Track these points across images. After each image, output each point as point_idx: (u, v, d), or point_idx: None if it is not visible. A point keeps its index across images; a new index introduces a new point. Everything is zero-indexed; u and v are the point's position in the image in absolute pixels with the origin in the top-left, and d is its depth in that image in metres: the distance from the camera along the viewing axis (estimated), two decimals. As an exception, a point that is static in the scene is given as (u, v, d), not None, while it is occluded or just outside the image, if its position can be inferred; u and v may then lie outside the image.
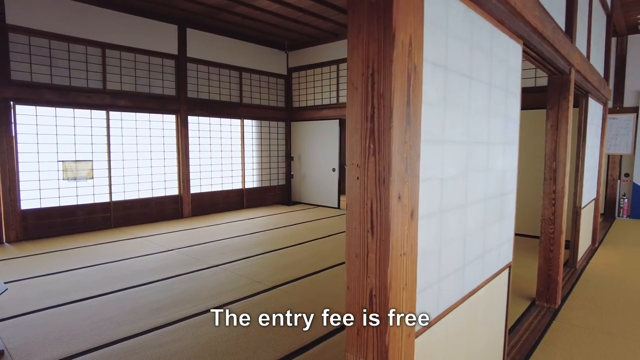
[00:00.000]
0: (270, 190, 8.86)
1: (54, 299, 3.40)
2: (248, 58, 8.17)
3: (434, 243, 1.43)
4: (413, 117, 1.18)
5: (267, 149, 8.75)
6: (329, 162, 8.39)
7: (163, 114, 6.94)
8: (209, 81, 7.58)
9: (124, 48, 6.32)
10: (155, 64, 6.77)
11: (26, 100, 5.41)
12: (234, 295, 3.53)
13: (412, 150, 1.19)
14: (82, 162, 5.97)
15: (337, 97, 8.18)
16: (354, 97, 1.17)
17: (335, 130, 8.23)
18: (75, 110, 5.88)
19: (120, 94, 6.30)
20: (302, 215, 7.54)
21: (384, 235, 1.12)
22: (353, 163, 1.18)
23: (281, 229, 6.35)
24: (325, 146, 8.44)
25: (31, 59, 5.46)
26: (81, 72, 5.91)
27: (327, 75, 8.35)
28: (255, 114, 8.37)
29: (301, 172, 8.98)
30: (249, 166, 8.42)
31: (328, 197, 8.49)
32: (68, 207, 5.87)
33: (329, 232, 6.11)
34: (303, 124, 8.86)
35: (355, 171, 1.18)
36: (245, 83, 8.22)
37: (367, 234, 1.16)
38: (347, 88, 1.19)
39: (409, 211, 1.20)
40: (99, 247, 5.16)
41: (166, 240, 5.51)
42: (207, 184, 7.68)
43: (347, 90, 1.19)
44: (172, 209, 7.15)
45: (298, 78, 8.89)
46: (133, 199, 6.60)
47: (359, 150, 1.16)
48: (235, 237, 5.71)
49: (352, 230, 1.20)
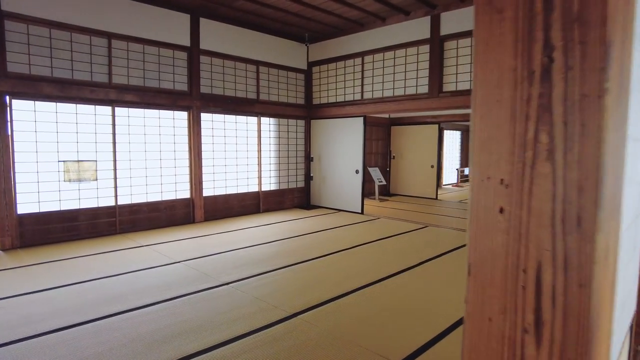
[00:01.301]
0: (288, 193, 8.26)
1: (31, 327, 2.86)
2: (266, 51, 7.59)
3: None
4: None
5: (285, 148, 8.15)
6: (352, 163, 7.74)
7: (174, 111, 6.41)
8: (223, 75, 7.03)
9: (131, 39, 5.81)
10: (166, 56, 6.25)
11: (24, 95, 4.94)
12: (246, 325, 2.93)
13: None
14: (85, 162, 5.48)
15: (361, 92, 7.53)
16: (492, 29, 0.53)
17: (359, 128, 7.57)
18: (78, 106, 5.39)
19: (127, 88, 5.79)
20: (322, 222, 6.91)
21: (571, 347, 0.48)
22: (489, 177, 0.54)
23: (300, 237, 5.73)
24: (348, 146, 7.79)
25: (30, 50, 4.98)
26: (85, 64, 5.41)
27: (350, 69, 7.70)
28: (273, 111, 7.79)
29: (321, 173, 8.36)
30: (266, 167, 7.84)
31: (350, 201, 7.84)
32: (69, 212, 5.38)
33: (352, 242, 5.46)
34: (324, 122, 8.24)
35: (491, 195, 0.54)
36: (263, 78, 7.64)
37: (522, 336, 0.52)
38: (476, 22, 0.56)
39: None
40: (99, 257, 4.64)
41: (174, 250, 4.96)
42: (221, 187, 7.13)
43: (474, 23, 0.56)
44: (183, 213, 6.62)
45: (319, 73, 8.27)
46: (141, 202, 6.09)
47: (505, 150, 0.52)
48: (250, 247, 5.12)
49: (480, 323, 0.57)
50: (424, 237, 5.83)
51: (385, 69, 7.15)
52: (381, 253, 4.94)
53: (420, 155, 10.16)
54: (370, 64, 7.38)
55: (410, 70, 6.78)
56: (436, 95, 6.41)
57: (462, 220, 7.11)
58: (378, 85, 7.26)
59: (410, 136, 10.37)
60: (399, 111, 7.24)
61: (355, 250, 5.06)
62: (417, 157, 10.23)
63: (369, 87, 7.41)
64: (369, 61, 7.41)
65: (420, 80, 6.66)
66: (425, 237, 5.87)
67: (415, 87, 6.73)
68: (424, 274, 4.15)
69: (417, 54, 6.69)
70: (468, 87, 6.07)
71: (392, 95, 7.07)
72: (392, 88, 7.06)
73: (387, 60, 7.11)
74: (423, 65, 6.60)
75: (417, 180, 10.23)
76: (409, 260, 4.61)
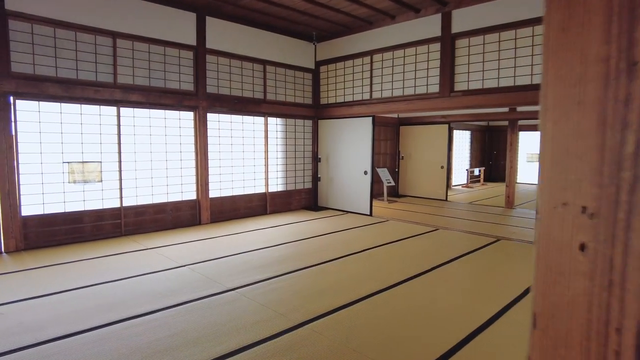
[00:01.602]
0: (296, 194, 8.14)
1: (30, 335, 2.76)
2: (273, 50, 7.47)
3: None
4: None
5: (292, 149, 8.03)
6: (360, 164, 7.60)
7: (180, 111, 6.32)
8: (230, 75, 6.93)
9: (137, 38, 5.72)
10: (172, 55, 6.16)
11: (28, 95, 4.87)
12: (251, 335, 2.81)
13: None
14: (90, 164, 5.40)
15: (370, 92, 7.38)
16: (572, 7, 0.40)
17: (368, 128, 7.43)
18: (83, 106, 5.31)
19: (132, 88, 5.71)
20: (330, 224, 6.78)
21: None
22: (565, 203, 0.41)
23: (307, 240, 5.60)
24: (356, 146, 7.65)
25: (34, 50, 4.92)
26: (89, 64, 5.34)
27: (359, 69, 7.55)
28: (280, 111, 7.67)
29: (329, 174, 8.23)
30: (273, 168, 7.73)
31: (358, 202, 7.70)
32: (74, 213, 5.31)
33: (362, 245, 5.32)
34: (331, 122, 8.10)
35: (568, 227, 0.41)
36: (270, 77, 7.53)
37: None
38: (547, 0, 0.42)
39: None
40: (103, 260, 4.56)
41: (179, 253, 4.86)
42: (227, 188, 7.03)
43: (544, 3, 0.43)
44: (189, 215, 6.53)
45: (327, 72, 8.14)
46: (146, 204, 6.01)
47: (590, 168, 0.39)
48: (256, 251, 5.01)
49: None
50: (435, 241, 5.67)
51: (394, 68, 7.00)
52: (392, 257, 4.80)
53: (430, 155, 9.99)
54: (379, 62, 7.23)
55: (421, 69, 6.62)
56: (447, 94, 6.25)
57: (474, 223, 6.93)
58: (387, 84, 7.11)
59: (419, 136, 10.20)
60: (409, 111, 7.08)
61: (365, 254, 4.92)
62: (427, 158, 10.05)
63: (378, 87, 7.26)
64: (378, 60, 7.26)
65: (430, 79, 6.50)
66: (436, 240, 5.71)
67: (425, 86, 6.57)
68: (437, 279, 4.00)
69: (427, 52, 6.53)
70: (480, 87, 5.90)
71: (401, 95, 6.91)
72: (402, 87, 6.90)
73: (397, 59, 6.96)
74: (434, 64, 6.44)
75: (426, 181, 10.06)
76: (420, 265, 4.46)
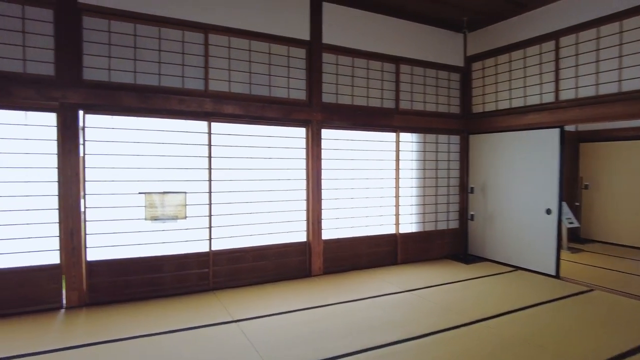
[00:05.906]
0: (437, 237, 6.00)
1: None
2: (407, 44, 5.61)
3: None
4: None
5: (432, 174, 5.96)
6: (539, 198, 5.16)
7: (287, 126, 4.84)
8: (352, 78, 5.26)
9: (234, 31, 4.42)
10: (278, 54, 4.74)
11: (100, 108, 3.84)
12: None
13: None
14: (171, 195, 4.18)
15: (555, 90, 4.97)
16: None
17: (553, 145, 4.99)
18: (164, 121, 4.14)
19: (226, 97, 4.40)
20: (493, 289, 4.50)
21: None
22: None
23: (466, 329, 3.45)
24: (532, 171, 5.25)
25: (110, 51, 3.90)
26: (175, 67, 4.17)
27: (535, 60, 5.21)
28: (416, 124, 5.71)
29: (486, 211, 5.91)
30: (406, 201, 5.75)
31: (536, 255, 5.22)
32: (151, 259, 4.10)
33: (561, 343, 2.97)
34: (490, 137, 5.83)
35: None
36: (404, 80, 5.66)
37: None
38: None
39: None
40: (170, 338, 3.12)
41: (271, 336, 3.19)
42: (345, 227, 5.28)
43: None
44: (297, 262, 4.93)
45: (482, 70, 5.95)
46: (242, 247, 4.58)
47: None
48: (387, 347, 3.07)
49: None
50: None
51: (600, 52, 4.51)
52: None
53: (630, 184, 6.87)
54: (571, 47, 4.81)
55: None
56: None
57: None
58: (588, 78, 4.64)
59: (610, 157, 7.16)
60: (629, 117, 4.46)
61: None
62: (625, 187, 6.94)
63: (570, 83, 4.82)
64: (568, 44, 4.84)
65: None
66: None
67: (670, 73, 3.96)
68: None
69: (673, 17, 3.94)
70: None
71: (617, 92, 4.38)
72: (618, 80, 4.37)
73: (604, 39, 4.47)
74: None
75: (627, 220, 6.92)
76: None
